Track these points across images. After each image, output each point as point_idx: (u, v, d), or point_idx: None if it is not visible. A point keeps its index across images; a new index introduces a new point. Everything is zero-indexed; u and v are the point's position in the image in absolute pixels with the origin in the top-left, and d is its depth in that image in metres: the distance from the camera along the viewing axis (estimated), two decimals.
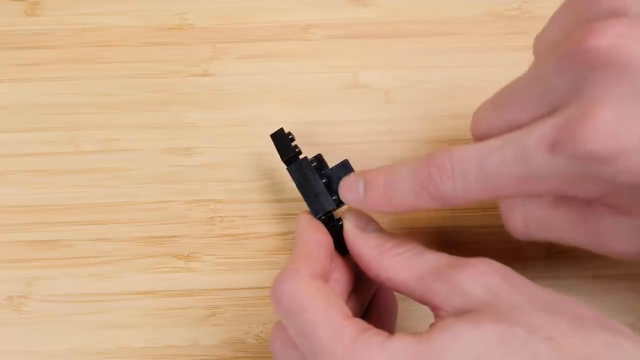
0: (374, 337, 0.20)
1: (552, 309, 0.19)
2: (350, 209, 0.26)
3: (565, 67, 0.19)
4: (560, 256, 0.31)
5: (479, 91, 0.33)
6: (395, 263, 0.23)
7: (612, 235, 0.21)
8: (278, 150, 0.27)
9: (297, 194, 0.27)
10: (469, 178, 0.20)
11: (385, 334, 0.20)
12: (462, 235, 0.31)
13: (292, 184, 0.28)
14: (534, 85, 0.21)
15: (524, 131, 0.20)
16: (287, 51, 0.35)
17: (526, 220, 0.22)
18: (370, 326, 0.20)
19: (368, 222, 0.25)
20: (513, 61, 0.33)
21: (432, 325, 0.20)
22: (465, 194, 0.20)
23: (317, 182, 0.26)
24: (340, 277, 0.25)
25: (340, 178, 0.26)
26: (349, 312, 0.21)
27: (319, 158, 0.27)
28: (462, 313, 0.19)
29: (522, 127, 0.20)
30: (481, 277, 0.20)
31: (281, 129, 0.27)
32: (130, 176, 0.33)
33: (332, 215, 0.26)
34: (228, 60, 0.34)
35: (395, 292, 0.26)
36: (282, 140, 0.27)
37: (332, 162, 0.27)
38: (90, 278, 0.31)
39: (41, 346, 0.30)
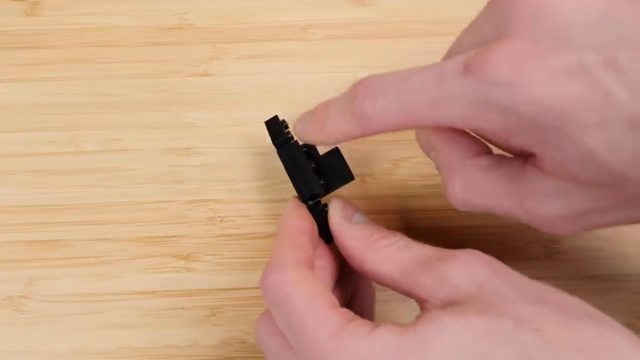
0: (359, 327, 0.20)
1: (539, 300, 0.19)
2: (337, 198, 0.25)
3: (492, 9, 0.20)
4: (560, 256, 0.31)
5: None
6: (380, 255, 0.22)
7: (535, 197, 0.21)
8: (270, 135, 0.27)
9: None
10: (389, 96, 0.21)
11: (371, 324, 0.20)
12: (460, 236, 0.31)
13: (291, 184, 0.28)
14: (469, 33, 0.22)
15: (446, 59, 0.20)
16: (287, 51, 0.35)
17: (464, 186, 0.23)
18: (356, 316, 0.20)
19: (354, 212, 0.25)
20: None
21: (417, 317, 0.20)
22: (384, 114, 0.21)
23: (306, 165, 0.26)
24: (326, 265, 0.25)
25: (329, 164, 0.26)
26: (335, 301, 0.21)
27: (311, 146, 0.27)
28: (449, 305, 0.19)
29: None
30: (468, 268, 0.20)
31: (275, 116, 0.27)
32: (130, 176, 0.32)
33: (319, 201, 0.26)
34: (228, 60, 0.34)
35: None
36: (276, 126, 0.27)
37: None
38: (90, 278, 0.31)
39: (41, 346, 0.30)
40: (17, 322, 0.30)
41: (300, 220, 0.25)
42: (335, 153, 0.26)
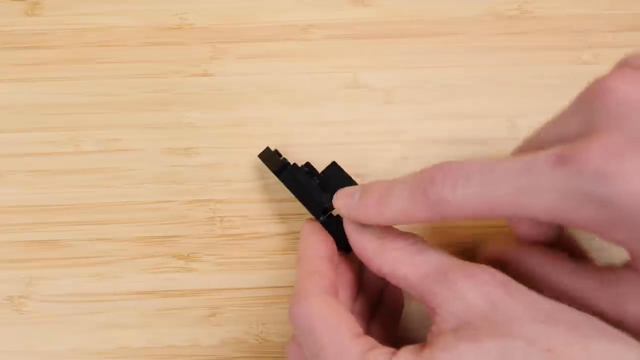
0: (379, 355, 0.20)
1: (550, 319, 0.19)
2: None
3: (582, 104, 0.20)
4: None
5: (479, 91, 0.33)
6: (398, 257, 0.22)
7: (636, 300, 0.21)
8: (268, 166, 0.28)
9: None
10: (472, 184, 0.20)
11: (390, 350, 0.20)
12: (462, 236, 0.31)
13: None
14: (554, 126, 0.22)
15: (529, 151, 0.20)
16: (287, 51, 0.34)
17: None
18: (376, 344, 0.21)
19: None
20: (513, 61, 0.34)
21: (431, 336, 0.20)
22: (464, 200, 0.20)
23: (310, 183, 0.26)
24: (345, 282, 0.25)
25: (332, 178, 0.26)
26: (357, 329, 0.21)
27: (308, 165, 0.27)
28: (459, 323, 0.19)
29: None
30: (483, 286, 0.20)
31: (267, 148, 0.28)
32: (130, 176, 0.32)
33: (332, 214, 0.26)
34: (228, 60, 0.34)
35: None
36: (270, 156, 0.28)
37: (330, 160, 0.28)
38: (90, 278, 0.31)
39: (41, 346, 0.30)
40: (17, 322, 0.30)
41: (318, 245, 0.25)
42: (334, 167, 0.27)
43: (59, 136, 0.33)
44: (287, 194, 0.31)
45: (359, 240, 0.24)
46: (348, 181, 0.26)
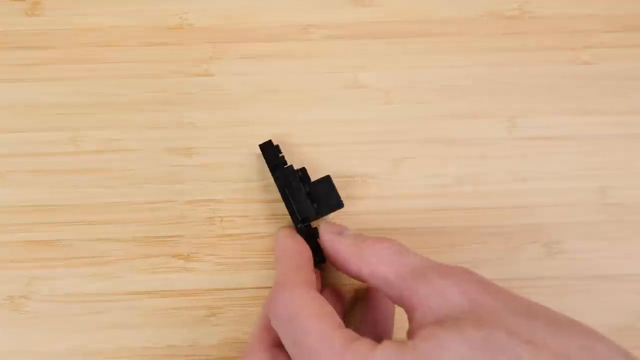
0: (362, 345, 0.20)
1: (529, 314, 0.19)
2: (326, 220, 0.27)
3: None
4: (560, 256, 0.31)
5: (478, 91, 0.33)
6: (378, 257, 0.23)
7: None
8: (265, 158, 0.28)
9: None
10: None
11: (373, 342, 0.20)
12: (462, 236, 0.31)
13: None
14: None
15: None
16: (287, 51, 0.34)
17: None
18: (360, 336, 0.21)
19: (343, 228, 0.26)
20: (513, 61, 0.34)
21: (411, 332, 0.20)
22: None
23: (300, 190, 0.27)
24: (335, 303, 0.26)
25: (322, 192, 0.26)
26: (340, 323, 0.21)
27: (303, 170, 0.28)
28: (440, 317, 0.20)
29: None
30: (462, 284, 0.20)
31: (269, 141, 0.28)
32: (130, 176, 0.32)
33: (310, 224, 0.27)
34: (228, 60, 0.34)
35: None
36: (270, 150, 0.28)
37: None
38: (90, 278, 0.31)
39: (41, 346, 0.30)
40: (17, 322, 0.30)
41: (300, 244, 0.26)
42: (327, 181, 0.27)
43: (59, 136, 0.32)
44: None
45: (335, 247, 0.24)
46: (335, 197, 0.27)
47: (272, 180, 0.32)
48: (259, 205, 0.32)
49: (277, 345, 0.24)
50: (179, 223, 0.32)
